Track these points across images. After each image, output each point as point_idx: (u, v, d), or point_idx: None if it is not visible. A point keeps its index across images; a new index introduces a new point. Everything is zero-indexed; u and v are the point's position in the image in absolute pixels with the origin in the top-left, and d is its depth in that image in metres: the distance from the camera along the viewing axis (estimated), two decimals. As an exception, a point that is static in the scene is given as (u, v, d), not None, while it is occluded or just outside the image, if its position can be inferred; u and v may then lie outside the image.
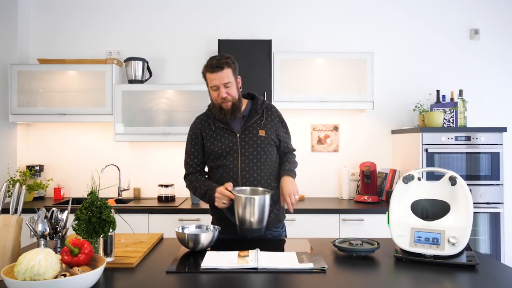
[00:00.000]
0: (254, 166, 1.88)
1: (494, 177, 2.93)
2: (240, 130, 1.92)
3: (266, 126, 1.94)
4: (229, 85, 1.86)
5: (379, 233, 2.67)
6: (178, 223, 2.83)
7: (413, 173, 1.61)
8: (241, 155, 1.89)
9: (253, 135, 1.91)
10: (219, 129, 1.93)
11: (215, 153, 1.91)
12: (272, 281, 1.28)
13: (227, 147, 1.90)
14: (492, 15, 3.48)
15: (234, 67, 1.89)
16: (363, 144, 3.48)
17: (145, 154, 3.47)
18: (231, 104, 1.87)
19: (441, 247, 1.44)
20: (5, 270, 1.14)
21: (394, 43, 3.49)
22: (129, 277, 1.33)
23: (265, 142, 1.91)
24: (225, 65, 1.84)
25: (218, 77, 1.84)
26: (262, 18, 3.48)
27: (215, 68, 1.83)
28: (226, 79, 1.84)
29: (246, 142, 1.90)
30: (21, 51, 3.34)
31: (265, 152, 1.91)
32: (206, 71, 1.88)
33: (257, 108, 1.96)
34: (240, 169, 1.87)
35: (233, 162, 1.88)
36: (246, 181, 1.87)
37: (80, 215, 1.41)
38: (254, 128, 1.93)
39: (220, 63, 1.83)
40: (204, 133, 1.96)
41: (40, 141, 3.47)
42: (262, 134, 1.92)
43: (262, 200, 1.69)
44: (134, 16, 3.49)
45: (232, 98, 1.87)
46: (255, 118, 1.94)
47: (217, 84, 1.85)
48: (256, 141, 1.90)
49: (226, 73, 1.84)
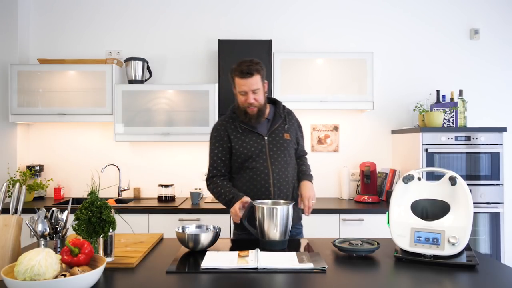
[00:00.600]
0: (282, 168, 1.95)
1: (494, 177, 2.93)
2: (267, 133, 1.98)
3: (289, 130, 2.03)
4: (257, 91, 1.90)
5: (379, 233, 2.67)
6: (178, 223, 2.82)
7: (413, 173, 1.61)
8: (270, 157, 1.94)
9: (279, 138, 1.98)
10: (246, 132, 1.97)
11: (244, 155, 1.94)
12: (272, 281, 1.28)
13: (256, 149, 1.94)
14: (492, 15, 3.48)
15: (263, 73, 1.92)
16: (363, 144, 3.48)
17: (145, 154, 3.47)
18: (256, 109, 1.92)
19: (441, 247, 1.44)
20: (5, 270, 1.14)
21: (394, 43, 3.49)
22: (129, 277, 1.33)
23: (290, 145, 2.00)
24: (255, 71, 1.87)
25: (247, 83, 1.87)
26: (262, 18, 3.48)
27: (245, 74, 1.86)
28: (255, 85, 1.88)
29: (274, 145, 1.96)
30: (21, 51, 3.34)
31: (290, 155, 2.00)
32: (236, 75, 1.90)
33: (280, 112, 2.04)
34: (271, 171, 1.93)
35: (263, 164, 1.93)
36: (277, 182, 1.92)
37: (80, 215, 1.41)
38: (279, 131, 2.00)
39: (250, 70, 1.86)
40: (231, 136, 1.98)
41: (40, 141, 3.47)
42: (288, 138, 2.00)
43: (285, 210, 1.67)
44: (134, 16, 3.49)
45: (259, 104, 1.92)
46: (280, 122, 2.01)
47: (246, 90, 1.89)
48: (282, 144, 1.98)
49: (256, 79, 1.87)
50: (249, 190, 1.93)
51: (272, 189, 1.92)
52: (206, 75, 3.46)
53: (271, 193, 1.91)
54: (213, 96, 3.12)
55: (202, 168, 3.45)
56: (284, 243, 1.68)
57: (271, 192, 1.92)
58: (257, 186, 1.93)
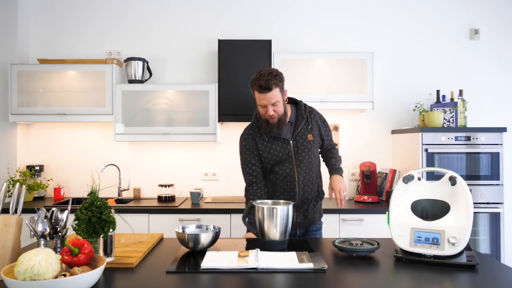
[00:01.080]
0: (307, 169, 2.03)
1: (494, 177, 2.93)
2: (292, 137, 2.02)
3: (312, 130, 2.06)
4: (277, 103, 1.92)
5: (379, 233, 2.67)
6: (178, 223, 2.83)
7: (413, 173, 1.61)
8: (296, 160, 2.01)
9: (303, 140, 2.03)
10: (272, 138, 2.03)
11: (272, 161, 2.02)
12: (272, 281, 1.28)
13: (284, 155, 2.01)
14: (492, 15, 3.48)
15: (281, 84, 1.93)
16: (363, 144, 3.48)
17: (145, 154, 3.47)
18: (276, 120, 1.96)
19: (441, 247, 1.44)
20: (5, 270, 1.14)
21: (394, 43, 3.49)
22: (129, 277, 1.33)
23: (314, 145, 2.06)
24: (274, 85, 1.88)
25: (266, 98, 1.90)
26: (262, 18, 3.48)
27: (264, 90, 1.88)
28: (274, 99, 1.90)
29: (298, 148, 2.02)
30: (21, 51, 3.34)
31: (314, 155, 2.07)
32: (255, 89, 1.92)
33: (302, 113, 2.07)
34: (297, 174, 2.01)
35: (289, 167, 2.01)
36: (302, 183, 2.01)
37: (80, 215, 1.41)
38: (303, 133, 2.04)
39: (268, 85, 1.87)
40: (259, 144, 2.04)
41: (40, 141, 3.47)
42: (311, 139, 2.05)
43: (285, 210, 1.68)
44: (134, 16, 3.49)
45: (278, 115, 1.95)
46: (302, 124, 2.05)
47: (265, 103, 1.92)
48: (307, 145, 2.03)
49: (274, 93, 1.89)
50: (276, 191, 2.05)
51: (297, 190, 2.01)
52: (206, 75, 3.46)
53: (296, 193, 2.01)
54: (213, 96, 3.12)
55: (202, 168, 3.45)
56: (284, 243, 1.68)
57: (296, 193, 2.01)
58: (284, 187, 2.02)
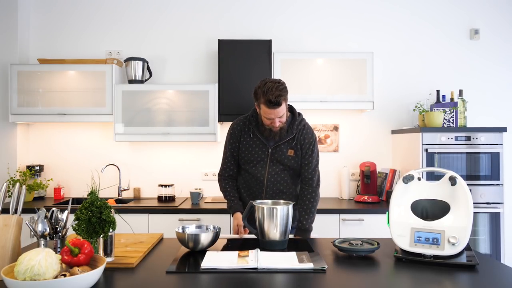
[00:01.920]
0: (279, 177, 2.06)
1: (494, 177, 2.93)
2: (272, 146, 2.05)
3: (295, 147, 2.05)
4: (283, 116, 1.95)
5: (379, 233, 2.68)
6: (178, 223, 2.83)
7: (413, 173, 1.61)
8: (269, 167, 2.05)
9: (282, 153, 2.04)
10: (256, 138, 2.07)
11: (247, 159, 2.08)
12: (272, 281, 1.28)
13: (259, 157, 2.06)
14: (492, 15, 3.48)
15: (287, 97, 1.95)
16: (363, 144, 3.48)
17: (145, 154, 3.47)
18: (279, 129, 2.00)
19: (441, 247, 1.44)
20: (5, 270, 1.14)
21: (394, 43, 3.49)
22: (129, 277, 1.33)
23: (292, 161, 2.05)
24: (283, 100, 1.90)
25: (275, 112, 1.91)
26: (262, 18, 3.48)
27: (274, 105, 1.88)
28: (281, 112, 1.93)
29: (275, 157, 2.05)
30: (21, 51, 3.34)
31: (289, 168, 2.06)
32: (262, 103, 1.91)
33: (293, 128, 2.05)
34: (266, 180, 2.06)
35: (261, 171, 2.06)
36: (270, 190, 2.06)
37: (80, 215, 1.41)
38: (285, 146, 2.05)
39: (278, 101, 1.87)
40: (241, 138, 2.10)
41: (40, 141, 3.47)
42: (291, 154, 2.05)
43: (285, 210, 1.68)
44: (134, 16, 3.49)
45: (283, 124, 2.00)
46: (289, 138, 2.04)
47: (273, 117, 1.94)
48: (284, 159, 2.04)
49: (282, 107, 1.92)
50: (245, 191, 2.14)
51: (263, 196, 2.07)
52: (206, 75, 3.46)
53: (262, 198, 2.06)
54: (213, 96, 3.12)
55: (202, 168, 3.45)
56: (284, 243, 1.68)
57: (262, 197, 2.07)
58: (252, 189, 2.10)
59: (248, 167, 2.09)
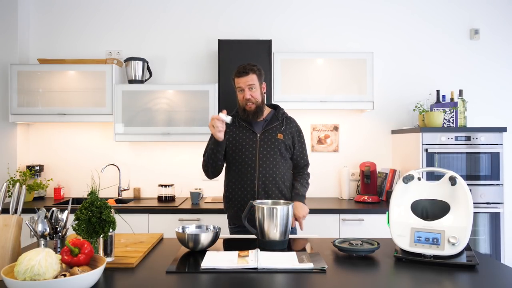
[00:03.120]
0: (271, 164, 2.10)
1: (494, 177, 2.93)
2: (260, 131, 2.14)
3: (284, 132, 2.16)
4: (253, 87, 2.09)
5: (379, 233, 2.67)
6: (178, 223, 2.83)
7: (413, 173, 1.61)
8: (259, 153, 2.10)
9: (272, 137, 2.13)
10: (242, 127, 2.16)
11: (235, 147, 2.12)
12: (272, 281, 1.28)
13: (247, 144, 2.11)
14: (492, 15, 3.48)
15: (259, 74, 2.12)
16: (363, 144, 3.48)
17: (145, 154, 3.47)
18: (254, 106, 2.10)
19: (441, 247, 1.44)
20: (5, 270, 1.14)
21: (394, 43, 3.49)
22: (129, 277, 1.33)
23: (282, 144, 2.13)
24: (250, 71, 2.08)
25: (243, 81, 2.08)
26: (261, 17, 3.48)
27: (241, 73, 2.09)
28: (250, 81, 2.08)
29: (265, 142, 2.12)
30: (21, 51, 3.34)
31: (282, 154, 2.13)
32: (234, 76, 2.12)
33: (278, 116, 2.20)
34: (257, 165, 2.09)
35: (252, 158, 2.09)
36: (263, 176, 2.08)
37: (80, 215, 1.41)
38: (273, 131, 2.15)
39: (245, 69, 2.08)
40: (228, 129, 2.13)
41: (40, 141, 3.47)
42: (280, 138, 2.14)
43: (285, 210, 1.68)
44: (134, 16, 3.49)
45: (255, 100, 2.10)
46: (276, 123, 2.17)
47: (242, 86, 2.09)
48: (274, 142, 2.12)
49: (251, 77, 2.08)
50: (237, 183, 2.13)
51: (256, 183, 2.08)
52: (206, 75, 3.46)
53: (255, 186, 2.08)
54: (213, 96, 3.12)
55: (202, 168, 3.45)
56: (284, 243, 1.68)
57: (255, 184, 2.08)
58: (244, 179, 2.10)
59: (238, 157, 2.11)
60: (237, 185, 2.12)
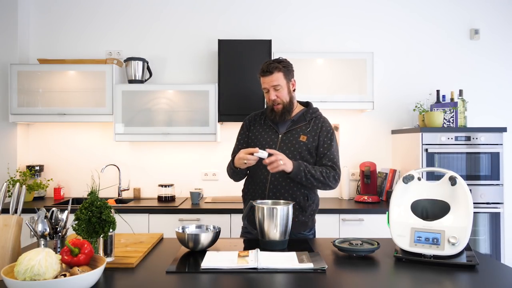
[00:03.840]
0: None
1: (494, 177, 2.93)
2: (283, 132, 2.00)
3: (309, 133, 1.98)
4: (278, 87, 1.94)
5: (379, 233, 2.67)
6: (178, 223, 2.83)
7: (413, 173, 1.61)
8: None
9: (294, 138, 1.97)
10: (267, 126, 2.04)
11: (255, 145, 1.99)
12: (272, 281, 1.28)
13: (267, 144, 1.98)
14: (492, 15, 3.48)
15: (286, 70, 1.96)
16: (363, 144, 3.48)
17: (145, 154, 3.47)
18: (281, 107, 1.97)
19: (441, 247, 1.44)
20: (5, 270, 1.14)
21: (394, 43, 3.49)
22: (129, 277, 1.33)
23: (303, 147, 1.95)
24: (275, 69, 1.93)
25: (267, 81, 1.95)
26: (262, 18, 3.47)
27: (265, 73, 1.95)
28: (275, 82, 1.93)
29: (285, 143, 1.97)
30: (21, 51, 3.34)
31: (301, 157, 1.94)
32: (259, 74, 1.99)
33: (306, 116, 2.03)
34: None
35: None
36: (275, 180, 1.92)
37: (80, 215, 1.41)
38: (297, 132, 1.99)
39: (269, 68, 1.93)
40: (252, 126, 2.08)
41: (40, 141, 3.47)
42: (303, 140, 1.96)
43: (285, 210, 1.67)
44: (134, 16, 3.49)
45: (282, 101, 1.96)
46: (301, 124, 2.00)
47: (267, 87, 1.96)
48: (294, 144, 1.96)
49: (276, 76, 1.93)
50: (250, 185, 2.03)
51: (268, 186, 1.93)
52: (206, 75, 3.46)
53: (266, 189, 1.94)
54: (213, 96, 3.12)
55: (202, 168, 3.45)
56: (284, 243, 1.68)
57: (266, 188, 1.94)
58: (256, 181, 1.98)
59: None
60: (250, 187, 2.02)
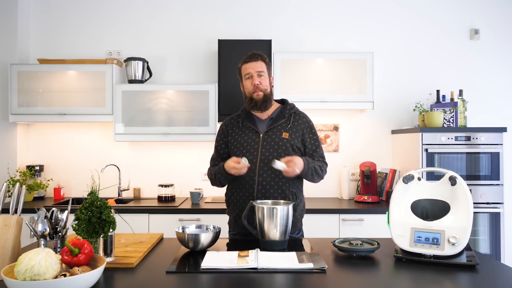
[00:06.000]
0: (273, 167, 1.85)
1: (494, 177, 2.93)
2: (264, 131, 1.98)
3: (291, 130, 1.97)
4: (262, 74, 1.97)
5: (379, 233, 2.67)
6: (178, 223, 2.83)
7: (413, 173, 1.61)
8: (261, 154, 1.92)
9: (276, 136, 1.95)
10: (245, 128, 2.01)
11: (237, 149, 1.97)
12: (272, 281, 1.28)
13: (248, 145, 1.95)
14: (492, 15, 3.48)
15: (268, 62, 2.02)
16: (363, 144, 3.48)
17: (145, 154, 3.47)
18: (262, 94, 1.95)
19: (441, 247, 1.44)
20: (5, 270, 1.14)
21: (394, 43, 3.49)
22: (129, 277, 1.33)
23: (287, 144, 1.93)
24: (259, 57, 1.99)
25: (252, 66, 1.97)
26: (261, 18, 3.47)
27: (250, 58, 1.98)
28: (260, 68, 1.97)
29: (268, 142, 1.94)
30: (21, 51, 3.34)
31: (286, 154, 1.90)
32: (242, 63, 2.01)
33: (284, 112, 2.02)
34: (258, 168, 1.90)
35: (252, 160, 1.91)
36: (263, 180, 1.89)
37: (80, 215, 1.41)
38: (278, 130, 1.97)
39: (254, 55, 1.99)
40: (230, 130, 2.05)
41: (40, 141, 3.47)
42: (286, 137, 1.95)
43: (285, 210, 1.67)
44: (134, 16, 3.49)
45: (264, 89, 1.96)
46: (281, 121, 1.99)
47: (250, 71, 1.97)
48: (278, 142, 1.94)
49: (260, 64, 1.98)
50: (236, 187, 1.97)
51: (256, 187, 1.90)
52: (206, 75, 3.46)
53: (254, 190, 1.90)
54: (213, 96, 3.12)
55: (202, 168, 3.45)
56: (284, 243, 1.68)
57: (254, 189, 1.90)
58: (243, 183, 1.93)
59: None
60: (236, 190, 1.96)
